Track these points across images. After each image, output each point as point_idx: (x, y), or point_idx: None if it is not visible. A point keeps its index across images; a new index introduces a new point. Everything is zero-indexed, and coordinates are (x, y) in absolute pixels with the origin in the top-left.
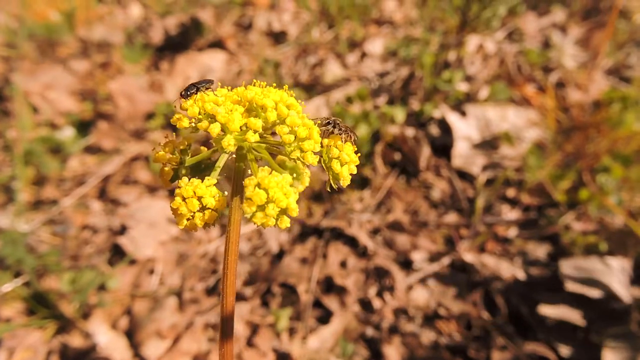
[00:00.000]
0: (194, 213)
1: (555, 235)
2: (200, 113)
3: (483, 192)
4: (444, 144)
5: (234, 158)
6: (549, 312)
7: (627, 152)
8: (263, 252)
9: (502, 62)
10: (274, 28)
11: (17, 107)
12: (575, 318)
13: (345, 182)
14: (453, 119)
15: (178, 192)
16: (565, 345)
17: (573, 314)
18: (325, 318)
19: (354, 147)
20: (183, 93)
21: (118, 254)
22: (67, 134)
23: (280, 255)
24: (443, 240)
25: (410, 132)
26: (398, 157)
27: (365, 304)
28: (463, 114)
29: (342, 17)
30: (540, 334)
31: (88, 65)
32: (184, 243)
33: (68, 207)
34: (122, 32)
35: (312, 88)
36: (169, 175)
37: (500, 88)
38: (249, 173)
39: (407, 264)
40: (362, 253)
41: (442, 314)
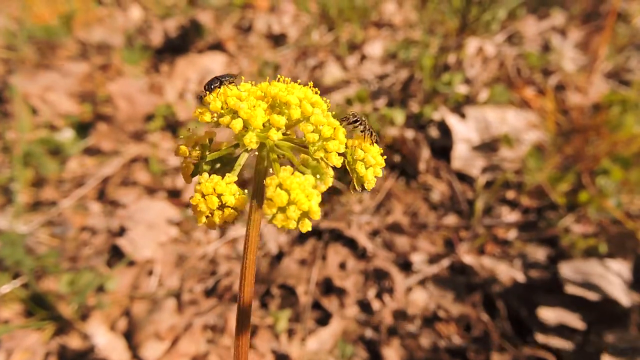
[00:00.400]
0: (213, 210)
1: (555, 238)
2: (223, 108)
3: (482, 194)
4: (444, 146)
5: (255, 155)
6: (548, 314)
7: (626, 154)
8: (262, 253)
9: (501, 64)
10: (274, 30)
11: (16, 108)
12: (575, 321)
13: (370, 185)
14: (452, 121)
15: (198, 188)
16: (565, 348)
17: (572, 317)
18: (324, 319)
19: (380, 149)
20: (206, 86)
21: (117, 256)
22: (66, 136)
23: (280, 257)
24: (442, 242)
25: (410, 134)
26: (397, 159)
27: (365, 306)
28: (462, 117)
29: (341, 19)
30: (540, 337)
31: (87, 67)
32: (183, 244)
33: (67, 208)
34: (121, 34)
35: None
36: (190, 170)
37: (500, 91)
38: (271, 172)
39: (406, 266)
40: (361, 255)
41: (441, 316)
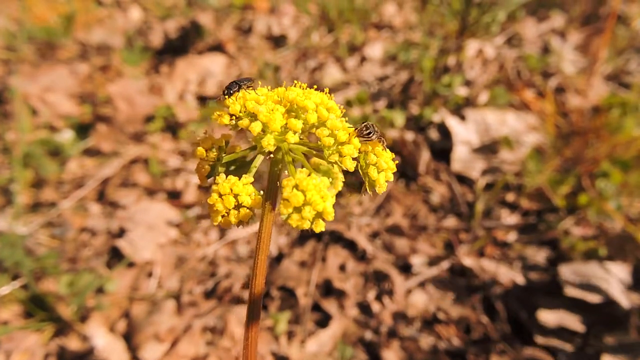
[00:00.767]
0: (229, 210)
1: (555, 240)
2: (241, 111)
3: (482, 196)
4: (444, 148)
5: (269, 158)
6: (548, 317)
7: (626, 157)
8: None
9: (501, 67)
10: (274, 32)
11: (16, 109)
12: (574, 323)
13: (381, 189)
14: (452, 123)
15: (215, 188)
16: (564, 351)
17: (572, 319)
18: (324, 322)
19: (392, 154)
20: (225, 90)
21: (116, 257)
22: (66, 137)
23: (279, 259)
24: (442, 245)
25: (410, 136)
26: (397, 161)
27: (364, 308)
28: (462, 119)
29: (341, 21)
30: (539, 339)
31: (87, 68)
32: (183, 246)
33: (67, 209)
34: (121, 35)
35: None
36: (207, 171)
37: (500, 93)
38: (286, 174)
39: (406, 268)
40: (361, 257)
41: (441, 318)
